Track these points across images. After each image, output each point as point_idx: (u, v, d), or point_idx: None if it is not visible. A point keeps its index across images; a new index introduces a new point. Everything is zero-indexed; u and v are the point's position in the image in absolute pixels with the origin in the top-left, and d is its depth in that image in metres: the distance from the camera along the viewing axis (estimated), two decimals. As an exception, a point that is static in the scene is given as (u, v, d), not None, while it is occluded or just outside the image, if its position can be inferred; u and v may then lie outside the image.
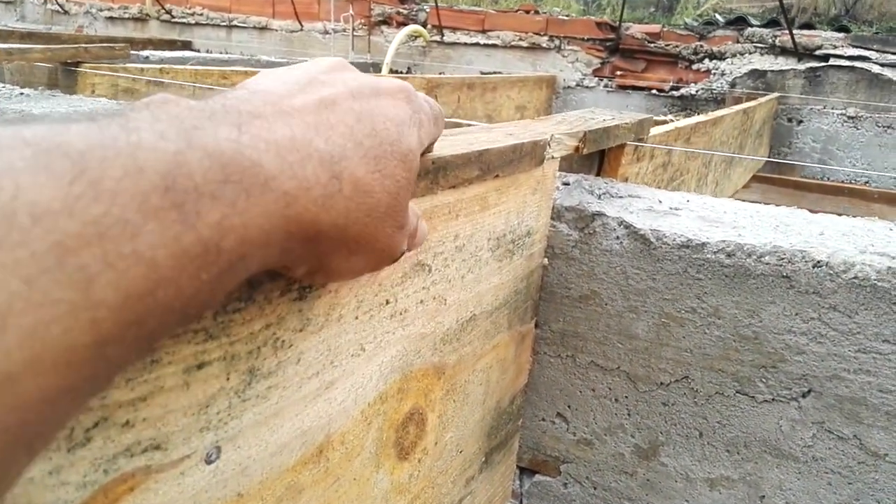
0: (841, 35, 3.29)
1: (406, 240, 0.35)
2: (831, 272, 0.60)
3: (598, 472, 0.74)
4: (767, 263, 0.62)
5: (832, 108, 3.22)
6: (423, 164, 0.44)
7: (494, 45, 3.88)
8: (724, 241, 0.64)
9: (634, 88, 3.60)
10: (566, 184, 0.77)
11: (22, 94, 1.14)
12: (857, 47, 3.18)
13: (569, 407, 0.74)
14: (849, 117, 3.16)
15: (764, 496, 0.67)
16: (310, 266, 0.30)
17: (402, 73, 3.96)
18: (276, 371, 0.35)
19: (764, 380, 0.65)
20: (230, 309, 0.31)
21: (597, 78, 3.70)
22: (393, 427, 0.49)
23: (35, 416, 0.18)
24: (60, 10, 4.85)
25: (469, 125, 0.74)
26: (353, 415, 0.43)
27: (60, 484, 0.25)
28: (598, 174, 0.87)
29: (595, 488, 0.75)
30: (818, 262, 0.60)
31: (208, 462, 0.32)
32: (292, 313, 0.36)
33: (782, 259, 0.62)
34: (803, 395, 0.64)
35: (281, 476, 0.37)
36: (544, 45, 3.77)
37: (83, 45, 1.23)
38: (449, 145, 0.51)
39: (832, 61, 3.23)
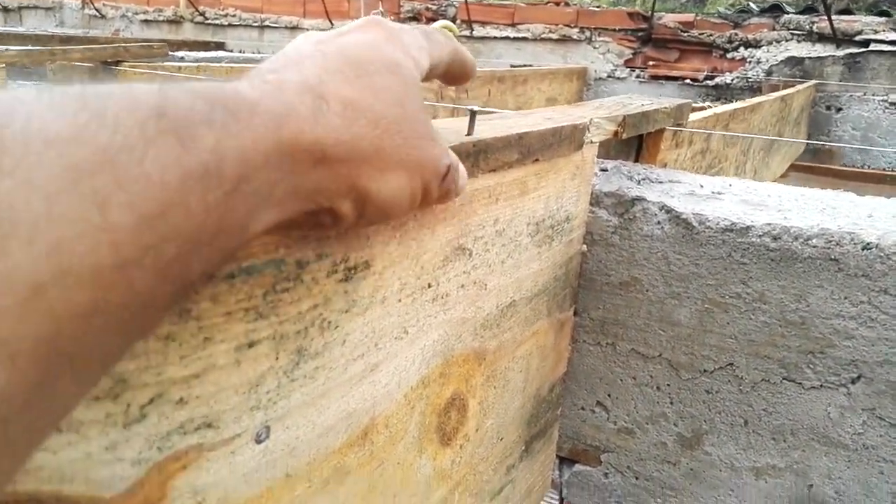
0: (882, 19, 3.19)
1: (446, 153, 0.34)
2: (882, 254, 0.58)
3: (640, 461, 0.73)
4: (815, 246, 0.61)
5: (873, 95, 3.13)
6: (464, 147, 0.44)
7: (524, 39, 3.86)
8: (769, 224, 0.62)
9: (667, 78, 3.54)
10: (604, 170, 0.76)
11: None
12: (898, 31, 3.08)
13: (609, 395, 0.73)
14: (890, 104, 3.07)
15: (812, 485, 0.65)
16: (351, 198, 0.30)
17: (431, 68, 3.95)
18: (323, 352, 0.35)
19: (811, 366, 0.63)
20: (279, 288, 0.31)
21: (628, 69, 3.65)
22: (435, 412, 0.48)
23: (70, 331, 0.18)
24: (98, 14, 4.95)
25: (504, 112, 0.74)
26: (396, 398, 0.43)
27: (116, 460, 0.25)
28: (636, 160, 0.86)
29: (637, 478, 0.74)
30: (868, 244, 0.59)
31: (258, 441, 0.32)
32: (338, 294, 0.36)
33: (830, 241, 0.60)
34: (853, 381, 0.62)
35: (328, 458, 0.38)
36: (575, 36, 3.74)
37: (122, 45, 1.25)
38: (488, 129, 0.51)
39: (872, 46, 3.14)
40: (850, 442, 0.63)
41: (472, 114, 0.48)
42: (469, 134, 0.47)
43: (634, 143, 0.87)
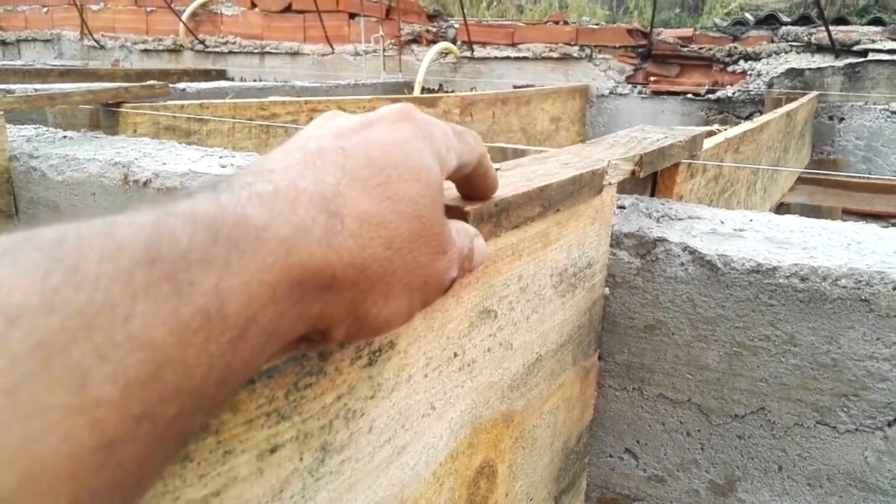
0: (878, 28, 3.19)
1: (454, 264, 0.32)
2: (918, 295, 0.56)
3: (670, 509, 0.71)
4: (844, 287, 0.59)
5: (874, 104, 3.11)
6: (486, 209, 0.42)
7: (525, 58, 3.86)
8: (796, 264, 0.60)
9: (669, 93, 3.54)
10: (622, 207, 0.74)
11: (65, 137, 1.16)
12: (895, 40, 3.08)
13: (637, 442, 0.71)
14: (892, 112, 3.06)
15: (853, 534, 0.63)
16: (347, 324, 0.27)
17: (434, 90, 3.96)
18: (349, 443, 0.33)
19: (846, 409, 0.61)
20: (301, 385, 0.29)
21: (630, 85, 3.65)
22: (465, 484, 0.46)
23: None
24: (97, 45, 4.97)
25: (516, 149, 0.72)
26: (425, 478, 0.41)
27: None
28: (652, 194, 0.84)
29: (667, 526, 0.71)
30: (903, 284, 0.56)
31: (284, 549, 0.30)
32: (363, 380, 0.34)
33: (860, 282, 0.58)
34: (889, 425, 0.60)
35: (357, 552, 0.35)
36: (575, 54, 3.74)
37: (123, 86, 1.24)
38: (507, 183, 0.49)
39: (871, 56, 3.13)
40: (889, 487, 0.61)
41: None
42: None
43: (650, 176, 0.85)
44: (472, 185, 0.40)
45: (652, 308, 0.67)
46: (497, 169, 0.44)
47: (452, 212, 0.39)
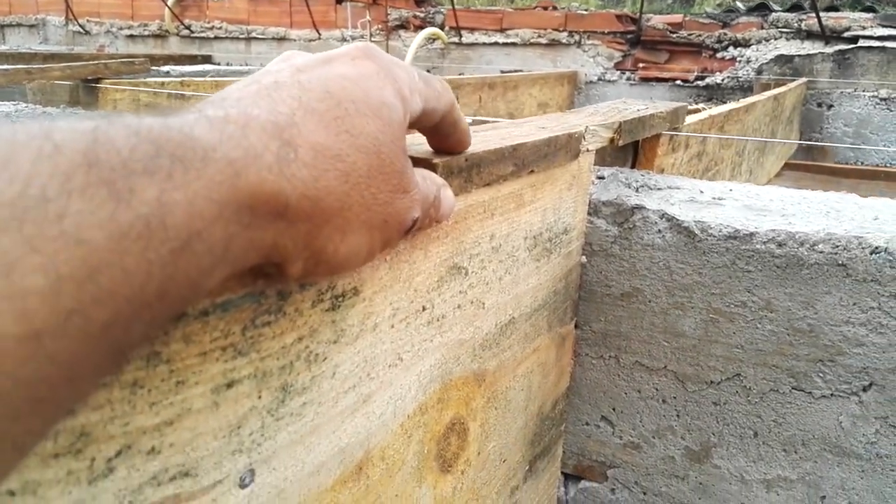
0: (869, 15, 3.20)
1: (416, 205, 0.32)
2: (891, 258, 0.56)
3: (648, 476, 0.71)
4: (821, 252, 0.59)
5: (863, 91, 3.13)
6: (456, 162, 0.42)
7: (513, 44, 3.85)
8: (773, 230, 0.60)
9: (658, 80, 3.54)
10: (601, 177, 0.74)
11: (44, 112, 1.14)
12: (886, 27, 3.09)
13: (614, 410, 0.71)
14: (881, 99, 3.07)
15: (825, 496, 0.63)
16: (304, 258, 0.27)
17: (421, 76, 3.94)
18: (311, 386, 0.33)
19: (821, 374, 0.61)
20: (259, 322, 0.29)
21: (619, 71, 3.64)
22: (434, 439, 0.46)
23: None
24: (82, 30, 4.92)
25: (496, 121, 0.71)
26: (392, 428, 0.41)
27: (82, 521, 0.23)
28: (633, 166, 0.84)
29: (645, 493, 0.72)
30: (876, 248, 0.57)
31: (242, 486, 0.30)
32: (325, 324, 0.33)
33: (837, 247, 0.58)
34: (864, 389, 0.60)
35: (319, 497, 0.35)
36: (564, 40, 3.73)
37: (103, 62, 1.23)
38: (480, 141, 0.48)
39: (861, 42, 3.14)
40: (864, 451, 0.61)
41: None
42: None
43: (630, 148, 0.85)
44: (441, 137, 0.39)
45: (629, 276, 0.67)
46: (470, 124, 0.44)
47: (421, 163, 0.38)
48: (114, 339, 0.19)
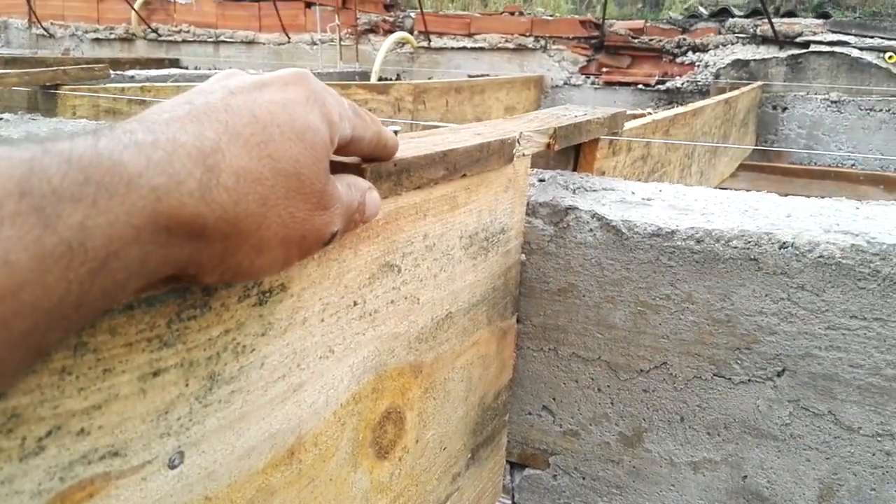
0: (820, 21, 3.30)
1: (336, 219, 0.34)
2: (797, 252, 0.61)
3: (586, 462, 0.75)
4: (735, 247, 0.63)
5: (815, 94, 3.23)
6: (385, 167, 0.45)
7: (481, 49, 3.90)
8: (692, 227, 0.65)
9: (621, 84, 3.61)
10: (542, 180, 0.78)
11: (1, 118, 1.15)
12: (836, 32, 3.19)
13: (554, 399, 0.75)
14: (832, 102, 3.17)
15: (746, 476, 0.67)
16: (219, 272, 0.29)
17: (391, 79, 3.97)
18: (239, 376, 0.36)
19: (739, 361, 0.66)
20: (185, 316, 0.32)
21: (583, 76, 3.71)
22: (369, 427, 0.49)
23: None
24: (46, 33, 4.86)
25: (437, 126, 0.75)
26: (324, 416, 0.44)
27: (14, 493, 0.26)
28: (574, 169, 0.88)
29: (584, 478, 0.75)
30: (784, 243, 0.61)
31: (171, 467, 0.32)
32: (252, 318, 0.36)
33: (749, 242, 0.63)
34: (778, 375, 0.64)
35: (251, 479, 0.38)
36: (530, 45, 3.79)
37: (62, 68, 1.24)
38: (413, 147, 0.52)
39: (812, 48, 3.24)
40: (779, 433, 0.65)
41: (395, 134, 0.49)
42: None
43: (572, 152, 0.89)
44: (372, 155, 0.42)
45: (564, 272, 0.71)
46: (412, 139, 0.47)
47: (350, 168, 0.42)
48: (32, 343, 0.22)
